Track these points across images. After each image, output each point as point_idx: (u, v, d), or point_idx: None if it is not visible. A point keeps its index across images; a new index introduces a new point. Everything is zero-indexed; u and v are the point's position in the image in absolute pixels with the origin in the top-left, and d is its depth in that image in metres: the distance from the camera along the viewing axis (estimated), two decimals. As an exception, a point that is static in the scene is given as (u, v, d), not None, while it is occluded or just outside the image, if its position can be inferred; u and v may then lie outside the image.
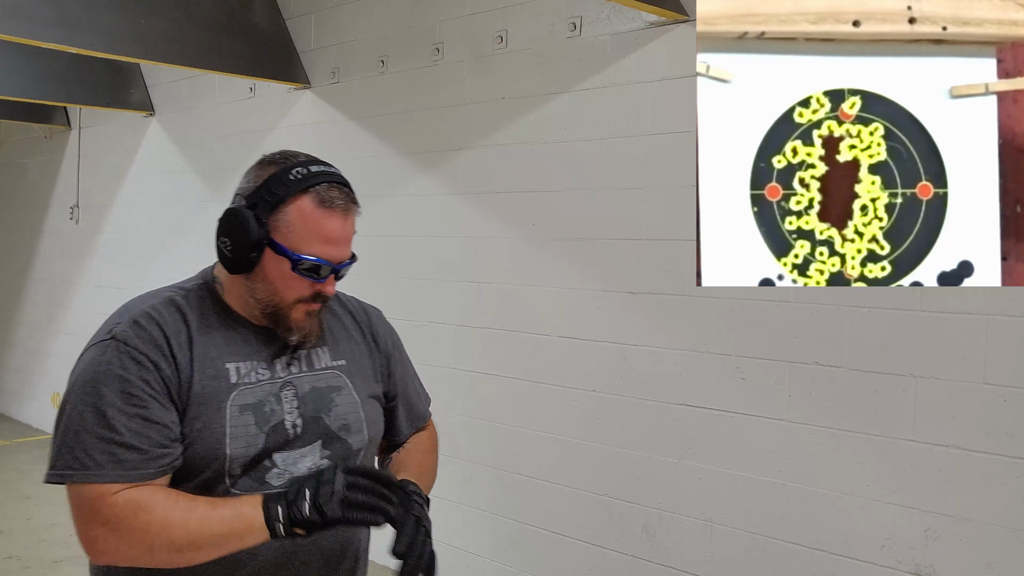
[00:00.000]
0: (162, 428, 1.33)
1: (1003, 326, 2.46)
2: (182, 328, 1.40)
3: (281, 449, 1.41)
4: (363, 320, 1.63)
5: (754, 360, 2.93)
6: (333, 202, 1.39)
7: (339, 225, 1.40)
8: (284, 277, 1.40)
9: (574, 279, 3.42)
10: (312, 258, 1.38)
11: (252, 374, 1.42)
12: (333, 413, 1.48)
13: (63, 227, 6.79)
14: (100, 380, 1.34)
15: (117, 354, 1.35)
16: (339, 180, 1.43)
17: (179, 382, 1.36)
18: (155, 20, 4.09)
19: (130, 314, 1.40)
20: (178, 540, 1.29)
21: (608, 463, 3.32)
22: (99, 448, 1.30)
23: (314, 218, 1.38)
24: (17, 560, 4.23)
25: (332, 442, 1.47)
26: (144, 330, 1.37)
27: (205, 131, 5.39)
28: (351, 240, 1.45)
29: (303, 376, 1.47)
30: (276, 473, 1.41)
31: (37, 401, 7.13)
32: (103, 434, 1.30)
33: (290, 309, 1.42)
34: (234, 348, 1.43)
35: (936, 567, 2.57)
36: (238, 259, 1.40)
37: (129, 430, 1.31)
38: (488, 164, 3.73)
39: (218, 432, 1.36)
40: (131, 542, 1.30)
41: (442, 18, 3.92)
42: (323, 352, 1.52)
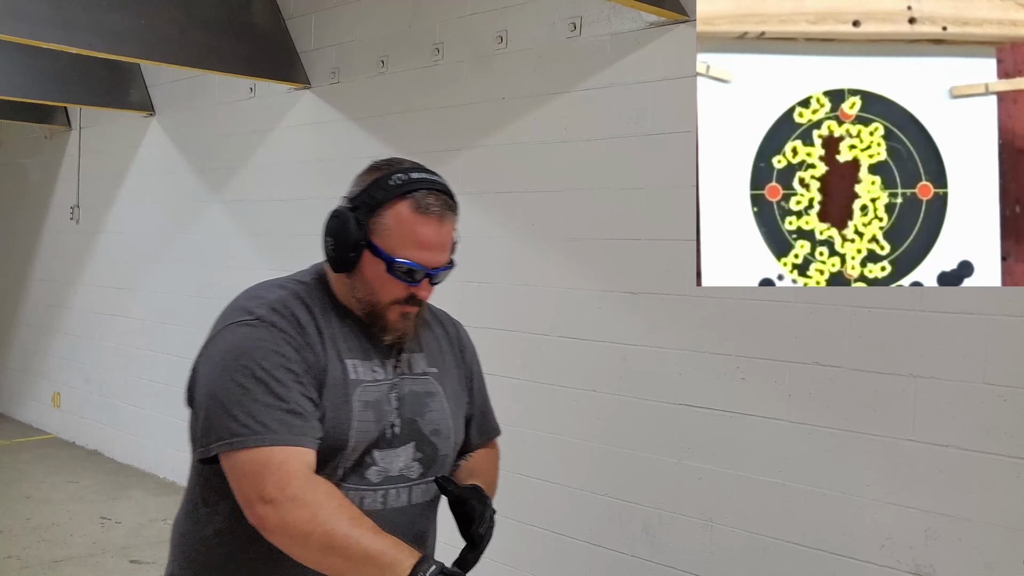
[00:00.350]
0: (314, 405, 1.39)
1: (1003, 326, 2.46)
2: (310, 320, 1.46)
3: (381, 447, 1.47)
4: (453, 333, 1.70)
5: (754, 360, 2.93)
6: (429, 208, 1.44)
7: (433, 231, 1.45)
8: (381, 278, 1.45)
9: (574, 279, 3.42)
10: (406, 262, 1.43)
11: (369, 373, 1.49)
12: (427, 417, 1.54)
13: (63, 227, 6.79)
14: (257, 355, 1.37)
15: (269, 333, 1.40)
16: (439, 188, 1.48)
17: (318, 367, 1.42)
18: (155, 20, 4.09)
19: (265, 303, 1.44)
20: (338, 540, 1.29)
21: (608, 463, 3.32)
22: (268, 414, 1.33)
23: (409, 223, 1.43)
24: (17, 560, 4.23)
25: (424, 445, 1.52)
26: (285, 317, 1.43)
27: (205, 131, 5.38)
28: (448, 246, 1.50)
29: (404, 379, 1.54)
30: (375, 470, 1.46)
31: (37, 401, 7.13)
32: (269, 401, 1.34)
33: (386, 309, 1.47)
34: (351, 344, 1.49)
35: (936, 567, 2.57)
36: (340, 258, 1.46)
37: (292, 399, 1.36)
38: (488, 164, 3.73)
39: (345, 422, 1.42)
40: (298, 519, 1.29)
41: (442, 18, 3.92)
42: (420, 358, 1.58)
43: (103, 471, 5.84)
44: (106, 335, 6.26)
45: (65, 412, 6.75)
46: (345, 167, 1.53)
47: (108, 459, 6.11)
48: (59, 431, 6.80)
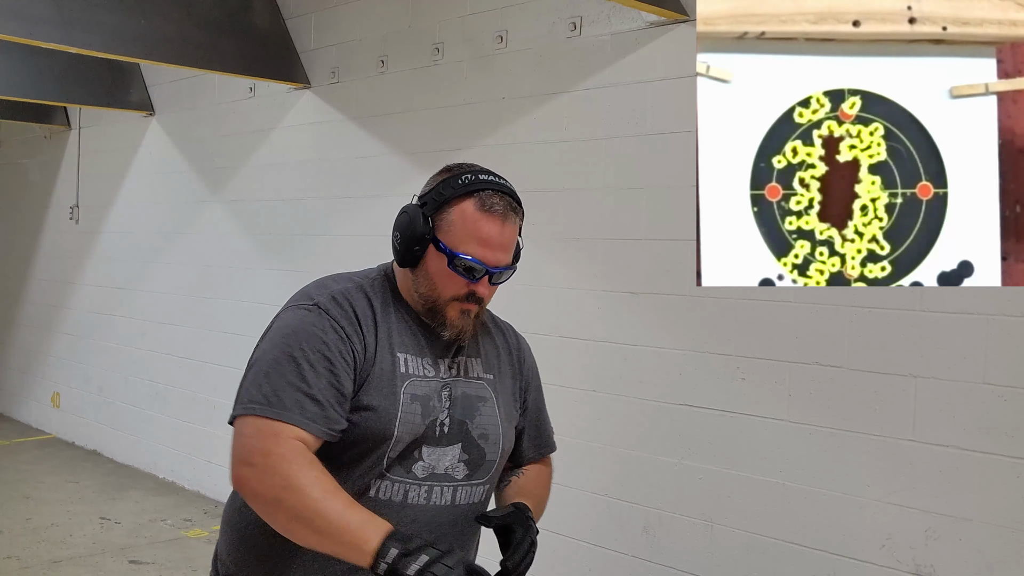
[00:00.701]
0: (340, 395, 1.44)
1: (1003, 326, 2.46)
2: (369, 312, 1.52)
3: (429, 444, 1.51)
4: (513, 344, 1.73)
5: (754, 360, 2.93)
6: (493, 207, 1.48)
7: (496, 230, 1.48)
8: (442, 273, 1.50)
9: (574, 279, 3.42)
10: (468, 257, 1.47)
11: (420, 368, 1.53)
12: (476, 421, 1.57)
13: (63, 227, 6.79)
14: (301, 335, 1.45)
15: (320, 319, 1.47)
16: (505, 190, 1.51)
17: (364, 358, 1.47)
18: (155, 20, 4.09)
19: (328, 291, 1.52)
20: (305, 510, 1.34)
21: (608, 463, 3.32)
22: (288, 392, 1.40)
23: (473, 219, 1.48)
24: (17, 560, 4.22)
25: (471, 447, 1.55)
26: (342, 306, 1.49)
27: (205, 131, 5.38)
28: (510, 248, 1.52)
29: (458, 380, 1.57)
30: (421, 466, 1.50)
31: (37, 401, 7.13)
32: (294, 381, 1.41)
33: (446, 305, 1.52)
34: (407, 340, 1.54)
35: (936, 567, 2.57)
36: (406, 252, 1.51)
37: (317, 386, 1.41)
38: (488, 164, 3.69)
39: (391, 412, 1.47)
40: (272, 485, 1.35)
41: (442, 18, 3.92)
42: (477, 363, 1.62)
43: (103, 471, 5.84)
44: (106, 335, 6.26)
45: (65, 412, 6.75)
46: (345, 167, 1.54)
47: (108, 459, 6.11)
48: (59, 431, 6.80)
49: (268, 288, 4.68)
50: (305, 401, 1.40)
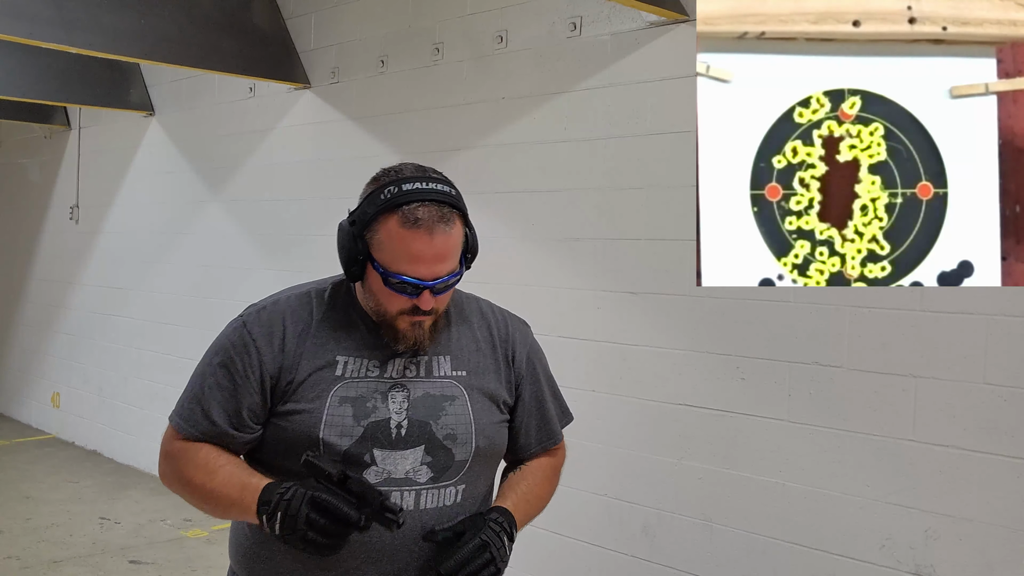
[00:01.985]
0: (238, 414, 1.49)
1: (1003, 326, 2.46)
2: (304, 320, 1.53)
3: (383, 447, 1.47)
4: (500, 335, 1.65)
5: (754, 360, 2.93)
6: (417, 222, 1.41)
7: (424, 245, 1.42)
8: (383, 291, 1.47)
9: (574, 279, 3.42)
10: (401, 276, 1.43)
11: (362, 370, 1.50)
12: (441, 422, 1.52)
13: (63, 227, 6.79)
14: (216, 351, 1.54)
15: (238, 335, 1.52)
16: (432, 197, 1.43)
17: (280, 371, 1.49)
18: (155, 20, 4.09)
19: (261, 305, 1.57)
20: (197, 493, 1.49)
21: (608, 463, 3.32)
22: (191, 406, 1.52)
23: (399, 238, 1.42)
24: (17, 560, 4.22)
25: (435, 449, 1.51)
26: (266, 319, 1.53)
27: (205, 131, 5.38)
28: (448, 256, 1.45)
29: (418, 381, 1.53)
30: (375, 471, 1.47)
31: (37, 401, 7.13)
32: (198, 396, 1.51)
33: (395, 320, 1.48)
34: (349, 343, 1.52)
35: (936, 567, 2.57)
36: (347, 270, 1.49)
37: (216, 403, 1.49)
38: (488, 164, 3.73)
39: (315, 417, 1.46)
40: (173, 479, 1.53)
41: (442, 18, 3.92)
42: (444, 361, 1.56)
43: (102, 471, 5.84)
44: (106, 335, 6.26)
45: (64, 412, 6.75)
46: (345, 167, 1.53)
47: (107, 459, 6.11)
48: (59, 431, 6.80)
49: (268, 288, 4.64)
50: (200, 417, 1.50)
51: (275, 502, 1.35)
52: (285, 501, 1.34)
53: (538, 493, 1.67)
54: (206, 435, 1.49)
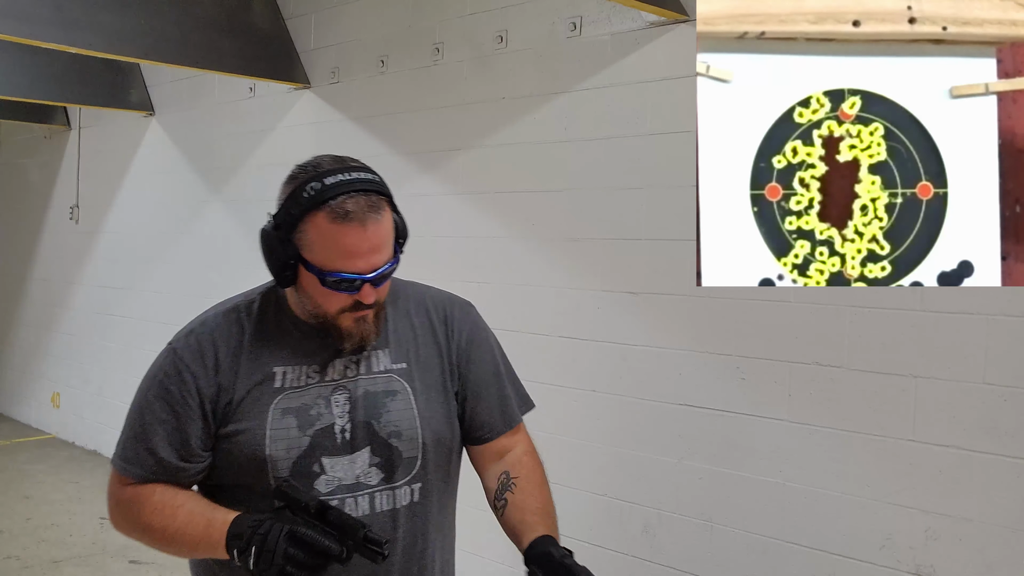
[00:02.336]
0: (186, 444, 1.42)
1: (1003, 326, 2.46)
2: (235, 336, 1.46)
3: (330, 454, 1.42)
4: (438, 318, 1.58)
5: (754, 360, 2.93)
6: (348, 216, 1.35)
7: (358, 238, 1.36)
8: (320, 292, 1.40)
9: (574, 279, 3.42)
10: (338, 274, 1.37)
11: (302, 378, 1.44)
12: (383, 419, 1.46)
13: (63, 227, 6.79)
14: (149, 384, 1.47)
15: (168, 363, 1.46)
16: (358, 187, 1.38)
17: (218, 393, 1.43)
18: (155, 20, 4.09)
19: (189, 328, 1.49)
20: (158, 538, 1.42)
21: (608, 463, 3.32)
22: (132, 446, 1.45)
23: (330, 234, 1.35)
24: (17, 560, 4.22)
25: (380, 449, 1.45)
26: (196, 343, 1.45)
27: (205, 131, 5.38)
28: (382, 245, 1.40)
29: (358, 379, 1.46)
30: (324, 480, 1.41)
31: (37, 401, 7.13)
32: (139, 434, 1.45)
33: (336, 319, 1.42)
34: (285, 353, 1.45)
35: (936, 567, 2.57)
36: (278, 276, 1.42)
37: (159, 438, 1.43)
38: (488, 164, 3.72)
39: (259, 434, 1.41)
40: (130, 526, 1.46)
41: (442, 18, 3.92)
42: (383, 355, 1.50)
43: (103, 471, 5.82)
44: (106, 335, 6.26)
45: (65, 412, 6.75)
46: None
47: (107, 459, 6.09)
48: (59, 431, 6.80)
49: (268, 288, 4.68)
50: (145, 456, 1.43)
51: (248, 536, 1.28)
52: (260, 536, 1.27)
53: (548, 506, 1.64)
54: (155, 474, 1.42)
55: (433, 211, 3.93)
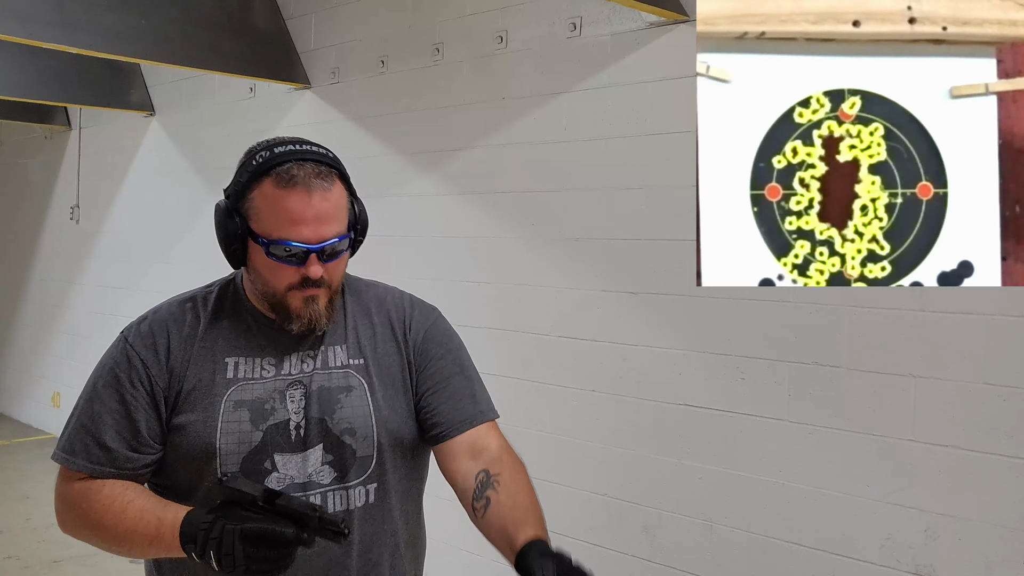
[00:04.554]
0: (136, 434, 1.37)
1: (1003, 326, 2.46)
2: (189, 325, 1.43)
3: (282, 451, 1.38)
4: (397, 316, 1.52)
5: (754, 360, 2.93)
6: (292, 180, 1.32)
7: (302, 203, 1.32)
8: (267, 265, 1.36)
9: (574, 279, 3.42)
10: (281, 241, 1.33)
11: (256, 370, 1.40)
12: (337, 415, 1.41)
13: (63, 227, 6.79)
14: (101, 375, 1.41)
15: (119, 352, 1.42)
16: (308, 157, 1.35)
17: (169, 381, 1.39)
18: (155, 20, 4.09)
19: (141, 317, 1.46)
20: (108, 537, 1.35)
21: (608, 463, 3.32)
22: (79, 437, 1.38)
23: (275, 199, 1.33)
24: (17, 560, 4.22)
25: (333, 446, 1.40)
26: (147, 331, 1.42)
27: (205, 131, 5.39)
28: (332, 217, 1.35)
29: (314, 374, 1.42)
30: (276, 477, 1.37)
31: (37, 401, 7.13)
32: (87, 425, 1.38)
33: (285, 297, 1.37)
34: (239, 343, 1.42)
35: (936, 567, 2.57)
36: (227, 253, 1.40)
37: (107, 427, 1.37)
38: (488, 164, 3.72)
39: (211, 425, 1.36)
40: (78, 525, 1.38)
41: (442, 18, 3.92)
42: (340, 350, 1.45)
43: (103, 471, 5.84)
44: (106, 335, 6.22)
45: (65, 412, 6.69)
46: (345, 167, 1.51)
47: (108, 459, 6.11)
48: (58, 431, 6.77)
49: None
50: (92, 446, 1.36)
51: (201, 541, 1.23)
52: (214, 540, 1.21)
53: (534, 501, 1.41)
54: (103, 465, 1.36)
55: (433, 211, 3.93)
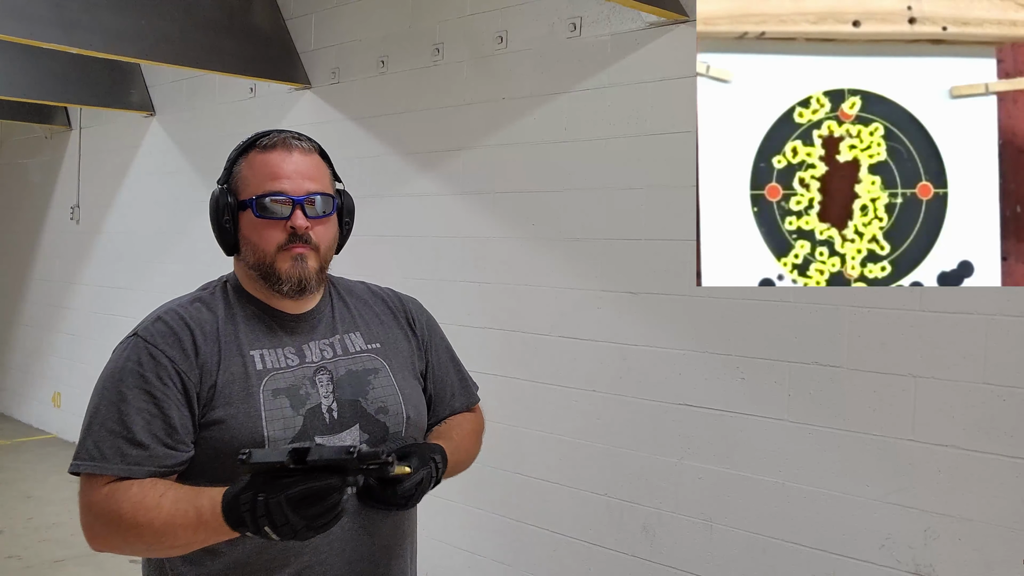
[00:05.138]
0: (171, 430, 1.36)
1: (1003, 326, 2.46)
2: (208, 321, 1.45)
3: (321, 433, 1.43)
4: (396, 306, 1.65)
5: (754, 360, 2.93)
6: (272, 143, 1.46)
7: (282, 158, 1.45)
8: (256, 228, 1.45)
9: (574, 279, 3.42)
10: (267, 195, 1.43)
11: (282, 360, 1.46)
12: (370, 396, 1.49)
13: (63, 227, 6.79)
14: (120, 377, 1.39)
15: (138, 351, 1.40)
16: (292, 134, 1.49)
17: (200, 377, 1.40)
18: (155, 20, 4.09)
19: (154, 316, 1.47)
20: (146, 534, 1.32)
21: (608, 463, 3.32)
22: (108, 442, 1.35)
23: (259, 162, 1.46)
24: (18, 560, 4.23)
25: (369, 425, 1.48)
26: (167, 327, 1.43)
27: (205, 131, 5.39)
28: (311, 175, 1.47)
29: (338, 360, 1.50)
30: None
31: (37, 401, 7.13)
32: (114, 428, 1.35)
33: (274, 260, 1.45)
34: (260, 336, 1.47)
35: (936, 567, 2.57)
36: (220, 232, 1.48)
37: (140, 427, 1.35)
38: (488, 164, 3.73)
39: (254, 416, 1.39)
40: (110, 532, 1.35)
41: (442, 18, 3.92)
42: (356, 337, 1.55)
43: (103, 471, 5.84)
44: (106, 335, 6.26)
45: (65, 412, 6.75)
46: (345, 167, 1.53)
47: (108, 459, 6.11)
48: (59, 431, 6.80)
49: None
50: (125, 447, 1.34)
51: (251, 521, 1.22)
52: (263, 516, 1.21)
53: (467, 447, 1.63)
54: (140, 464, 1.34)
55: (433, 211, 3.93)
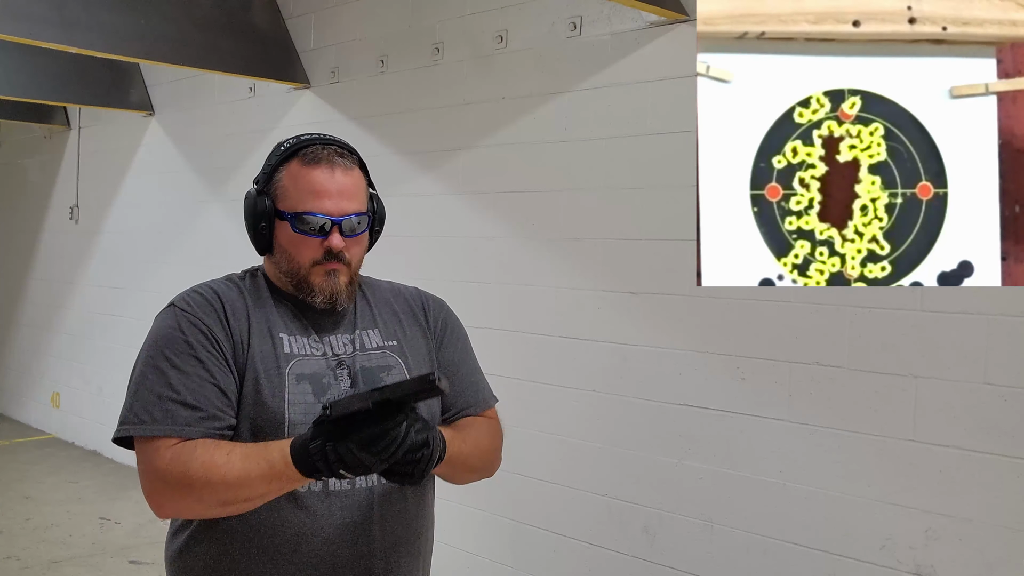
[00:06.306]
0: (218, 391, 1.39)
1: (1003, 326, 2.46)
2: (239, 300, 1.49)
3: None
4: (416, 303, 1.66)
5: (754, 360, 2.93)
6: (316, 158, 1.46)
7: (326, 177, 1.46)
8: (293, 241, 1.46)
9: (574, 279, 3.42)
10: (307, 213, 1.44)
11: (307, 347, 1.49)
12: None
13: (63, 227, 6.79)
14: (162, 343, 1.42)
15: (177, 319, 1.44)
16: (332, 142, 1.50)
17: (234, 346, 1.43)
18: (155, 20, 4.09)
19: (191, 289, 1.51)
20: (220, 489, 1.32)
21: (608, 463, 3.32)
22: (157, 405, 1.37)
23: (301, 175, 1.46)
24: (17, 560, 4.23)
25: None
26: (202, 297, 1.47)
27: (205, 131, 5.39)
28: (352, 194, 1.48)
29: (355, 355, 1.52)
30: None
31: (37, 401, 7.13)
32: (162, 392, 1.38)
33: (308, 273, 1.47)
34: (287, 322, 1.50)
35: (936, 567, 2.57)
36: (255, 235, 1.50)
37: (187, 388, 1.38)
38: (488, 164, 3.72)
39: (278, 396, 1.42)
40: (181, 492, 1.35)
41: (442, 18, 3.92)
42: (373, 334, 1.57)
43: (102, 471, 5.84)
44: (106, 335, 6.26)
45: (65, 412, 6.75)
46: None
47: (108, 459, 6.11)
48: (59, 431, 6.80)
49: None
50: (176, 408, 1.36)
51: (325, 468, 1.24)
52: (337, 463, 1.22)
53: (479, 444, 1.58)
54: (191, 425, 1.36)
55: (433, 211, 3.93)
